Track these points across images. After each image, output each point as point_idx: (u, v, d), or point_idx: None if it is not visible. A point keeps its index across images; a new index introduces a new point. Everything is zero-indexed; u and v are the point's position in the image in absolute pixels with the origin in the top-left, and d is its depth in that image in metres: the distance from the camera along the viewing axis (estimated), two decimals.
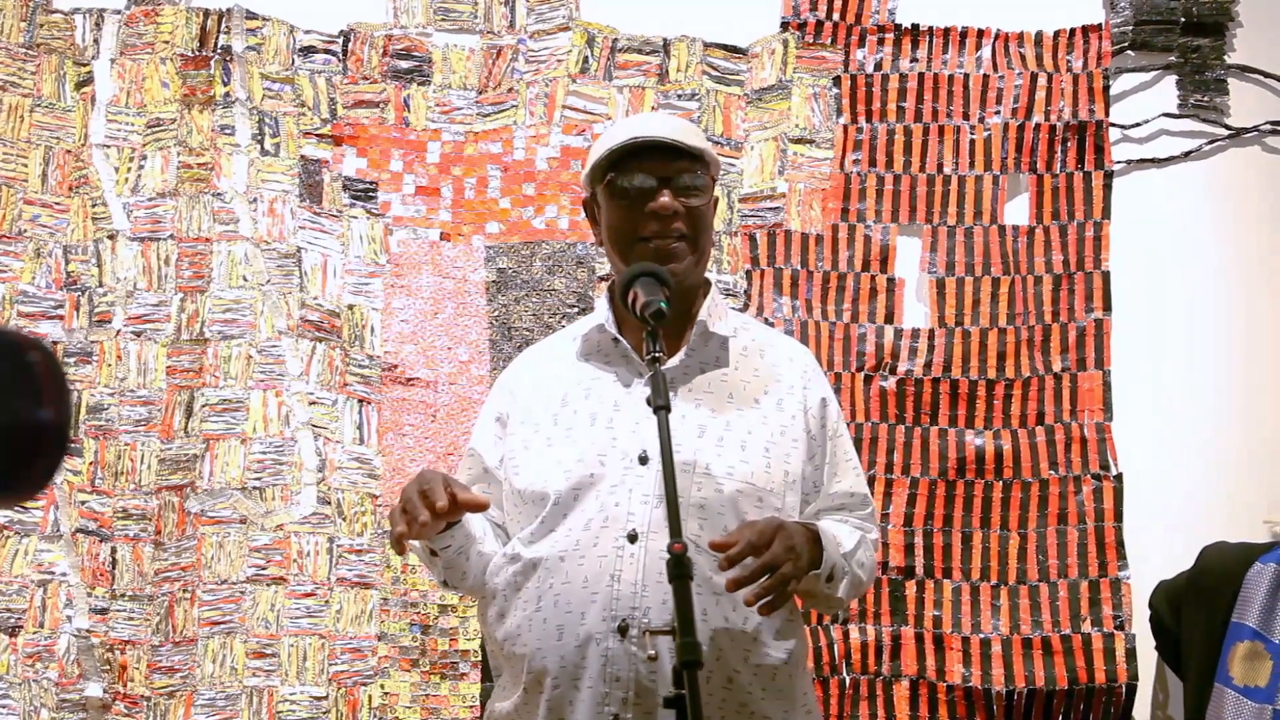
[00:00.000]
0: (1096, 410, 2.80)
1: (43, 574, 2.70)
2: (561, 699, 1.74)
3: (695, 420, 1.85)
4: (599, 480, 1.80)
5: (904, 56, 2.95)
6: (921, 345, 2.84)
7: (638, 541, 1.75)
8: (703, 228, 1.90)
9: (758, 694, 1.76)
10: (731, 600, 1.75)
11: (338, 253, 2.85)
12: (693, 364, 1.91)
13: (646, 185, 1.86)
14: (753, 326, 2.05)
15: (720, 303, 2.00)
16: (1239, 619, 2.32)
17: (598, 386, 1.90)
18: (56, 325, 2.80)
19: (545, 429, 1.89)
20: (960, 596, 2.75)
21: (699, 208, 1.89)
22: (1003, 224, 2.89)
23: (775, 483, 1.85)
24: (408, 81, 2.92)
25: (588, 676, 1.72)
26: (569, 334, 2.05)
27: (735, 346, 1.95)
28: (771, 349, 1.99)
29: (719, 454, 1.82)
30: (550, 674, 1.75)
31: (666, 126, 1.90)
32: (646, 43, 2.94)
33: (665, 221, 1.86)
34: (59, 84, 2.89)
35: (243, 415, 2.76)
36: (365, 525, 2.75)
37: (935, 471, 2.79)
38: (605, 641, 1.72)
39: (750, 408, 1.88)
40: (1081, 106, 2.90)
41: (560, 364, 1.97)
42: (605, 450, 1.82)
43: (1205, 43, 2.97)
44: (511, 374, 2.05)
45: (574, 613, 1.74)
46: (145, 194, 2.85)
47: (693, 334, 1.91)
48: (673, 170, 1.87)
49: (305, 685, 2.68)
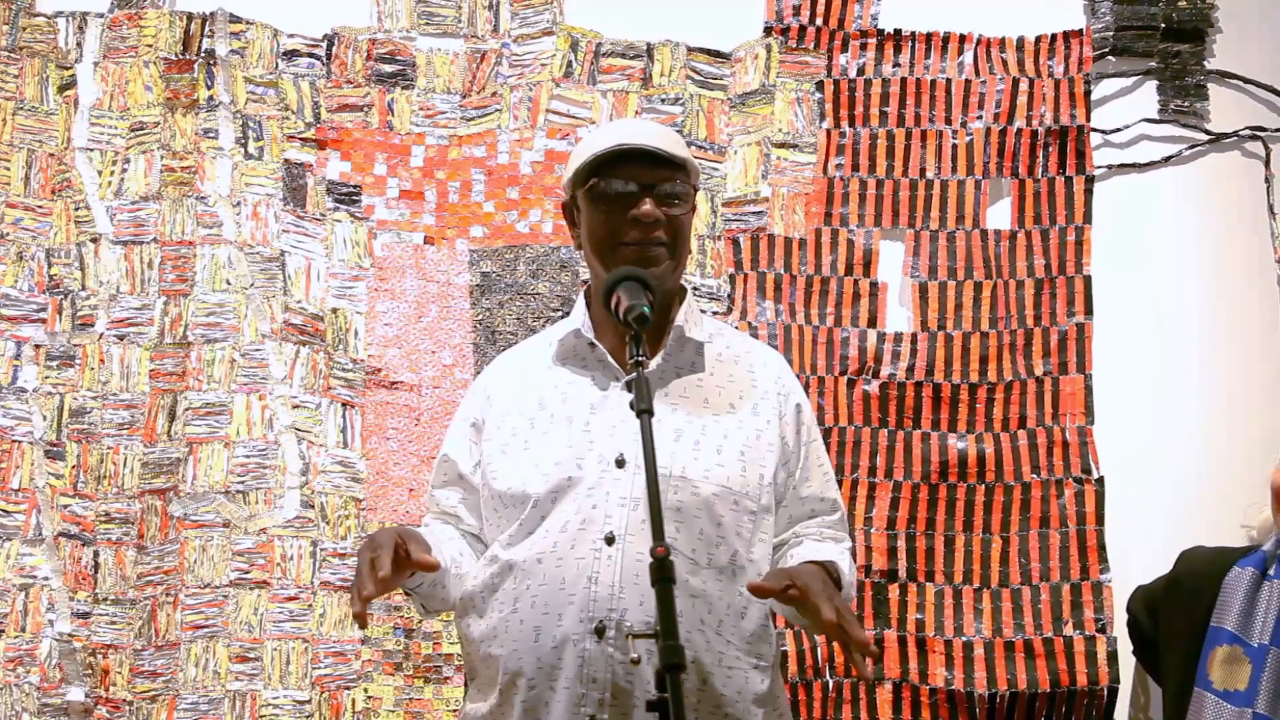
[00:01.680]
0: (1078, 414, 2.81)
1: (24, 578, 2.69)
2: (537, 700, 1.75)
3: (671, 424, 1.86)
4: (576, 483, 1.81)
5: (886, 62, 2.96)
6: (904, 349, 2.85)
7: (615, 544, 1.76)
8: (682, 236, 1.92)
9: (732, 696, 1.77)
10: (707, 603, 1.77)
11: (321, 256, 2.85)
12: (669, 369, 1.92)
13: (629, 191, 1.87)
14: (728, 333, 2.07)
15: (696, 309, 2.01)
16: (1217, 623, 2.33)
17: (574, 390, 1.91)
18: (39, 329, 2.79)
19: (522, 432, 1.90)
20: (943, 600, 2.76)
21: (680, 216, 1.90)
22: (985, 228, 2.90)
23: (751, 486, 1.86)
24: (391, 85, 2.92)
25: (564, 678, 1.73)
26: (544, 338, 2.06)
27: (711, 352, 1.97)
28: (747, 355, 2.01)
29: (695, 458, 1.83)
30: (526, 675, 1.76)
31: (650, 134, 1.91)
32: (630, 47, 2.95)
33: (646, 229, 1.87)
34: (42, 87, 2.89)
35: (226, 419, 2.76)
36: (348, 529, 2.74)
37: (918, 475, 2.80)
38: (582, 643, 1.73)
39: (726, 413, 1.90)
40: (1063, 111, 2.91)
41: (536, 368, 1.98)
42: (583, 454, 1.83)
43: (1185, 48, 2.99)
44: (487, 378, 2.06)
45: (551, 614, 1.75)
46: (128, 197, 2.84)
47: (669, 339, 1.92)
48: (655, 178, 1.88)
49: (288, 689, 2.67)
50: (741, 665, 1.80)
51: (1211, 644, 2.31)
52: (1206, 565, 2.42)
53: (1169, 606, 2.48)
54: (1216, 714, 2.26)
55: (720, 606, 1.79)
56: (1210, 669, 2.29)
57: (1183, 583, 2.47)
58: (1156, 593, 2.56)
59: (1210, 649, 2.31)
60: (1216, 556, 2.43)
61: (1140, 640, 2.62)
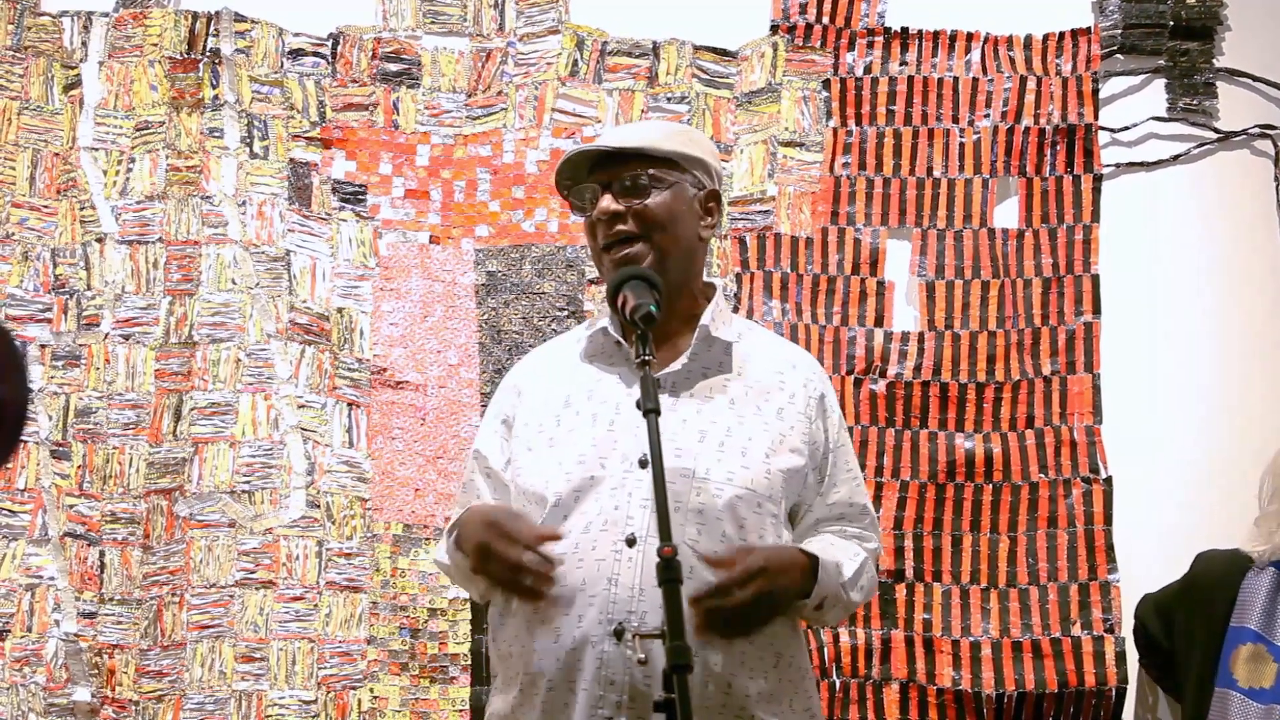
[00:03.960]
0: (1086, 413, 2.80)
1: (30, 578, 2.69)
2: (556, 701, 1.74)
3: (696, 425, 1.85)
4: (599, 483, 1.81)
5: (893, 60, 2.95)
6: (911, 348, 2.84)
7: (636, 545, 1.75)
8: (658, 225, 1.89)
9: (756, 699, 1.76)
10: None
11: (327, 256, 2.85)
12: (695, 368, 1.91)
13: (591, 193, 1.91)
14: (757, 332, 2.05)
15: (725, 308, 2.00)
16: (1239, 623, 2.35)
17: (600, 389, 1.90)
18: (44, 328, 2.79)
19: (548, 429, 1.90)
20: (950, 599, 2.75)
21: (650, 206, 1.88)
22: (992, 227, 2.89)
23: (775, 489, 1.85)
24: (397, 84, 2.92)
25: (583, 679, 1.73)
26: (574, 336, 2.05)
27: (739, 352, 1.95)
28: (775, 355, 1.99)
29: (719, 459, 1.82)
30: (546, 675, 1.75)
31: (613, 134, 1.96)
32: (636, 45, 2.94)
33: (606, 225, 1.88)
34: (47, 87, 2.89)
35: (231, 419, 2.76)
36: (354, 529, 2.74)
37: (925, 475, 2.79)
38: (601, 645, 1.72)
39: (752, 414, 1.88)
40: (1071, 110, 2.90)
41: (565, 365, 1.98)
42: (606, 453, 1.82)
43: (1194, 46, 2.98)
44: (518, 375, 2.05)
45: (571, 615, 1.75)
46: (134, 197, 2.84)
47: (696, 338, 1.91)
48: (612, 175, 1.90)
49: (294, 689, 2.67)
50: (765, 668, 1.79)
51: (1234, 643, 2.34)
52: (1223, 567, 2.45)
53: (1186, 609, 2.50)
54: (1243, 712, 2.28)
55: None
56: (1234, 668, 2.31)
57: (1199, 584, 2.49)
58: (1169, 598, 2.57)
59: (1233, 648, 2.33)
60: (1232, 558, 2.45)
61: (1148, 647, 2.63)
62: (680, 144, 1.93)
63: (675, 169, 1.91)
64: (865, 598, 1.93)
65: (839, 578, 1.83)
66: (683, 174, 1.92)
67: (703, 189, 1.95)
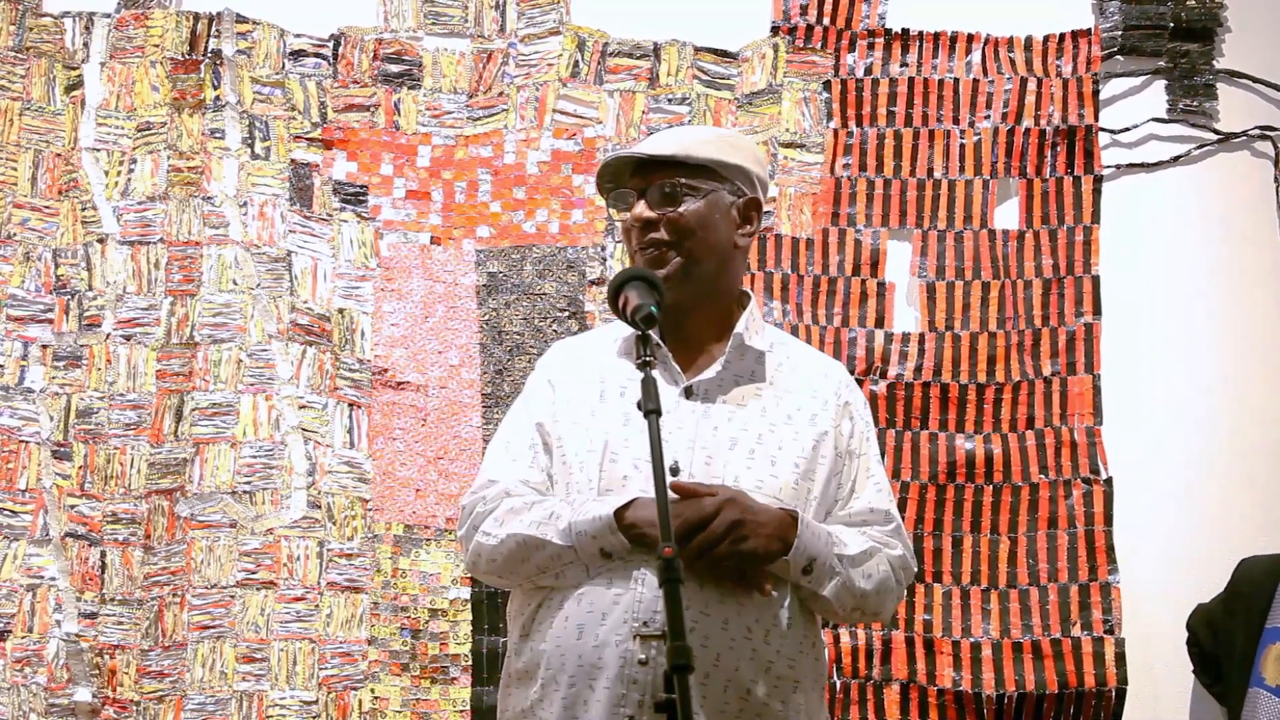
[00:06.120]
0: (1086, 414, 2.81)
1: (32, 578, 2.69)
2: (577, 697, 1.75)
3: (728, 433, 1.86)
4: (629, 485, 1.81)
5: (894, 61, 2.95)
6: (912, 349, 2.84)
7: None
8: (690, 232, 1.90)
9: (776, 706, 1.76)
10: (754, 613, 1.76)
11: (328, 257, 2.85)
12: (728, 376, 1.91)
13: (627, 198, 1.94)
14: (790, 342, 2.06)
15: (758, 317, 2.00)
16: (1272, 623, 2.35)
17: (634, 387, 1.89)
18: (46, 329, 2.80)
19: (583, 422, 1.90)
20: (950, 600, 2.75)
21: (684, 214, 1.89)
22: (993, 228, 2.89)
23: (803, 498, 1.85)
24: (398, 85, 2.92)
25: (605, 677, 1.73)
26: (611, 333, 2.04)
27: (771, 361, 1.96)
28: (808, 365, 1.99)
29: (749, 467, 1.83)
30: (568, 672, 1.76)
31: (650, 142, 1.97)
32: (637, 47, 2.95)
33: (640, 231, 1.91)
34: (49, 87, 2.89)
35: (233, 419, 2.76)
36: (355, 530, 2.74)
37: (925, 475, 2.79)
38: (624, 644, 1.72)
39: (783, 423, 1.89)
40: (1071, 111, 2.90)
41: (602, 355, 1.98)
42: (639, 455, 1.82)
43: (1194, 48, 2.98)
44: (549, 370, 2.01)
45: (595, 613, 1.75)
46: (135, 197, 2.85)
47: (730, 346, 1.92)
48: (648, 181, 1.92)
49: (295, 690, 2.67)
50: (788, 675, 1.79)
51: (1266, 643, 2.34)
52: (1263, 572, 2.48)
53: (1226, 616, 2.52)
54: (1270, 710, 2.27)
55: (767, 617, 1.78)
56: (1264, 667, 2.32)
57: (1239, 590, 2.53)
58: (1214, 606, 2.59)
59: (1265, 648, 2.33)
60: (1273, 563, 2.47)
61: (1200, 658, 2.64)
62: (717, 151, 1.93)
63: (712, 177, 1.91)
64: (879, 591, 1.87)
65: (832, 546, 1.81)
66: (720, 182, 1.92)
67: (742, 196, 1.95)
